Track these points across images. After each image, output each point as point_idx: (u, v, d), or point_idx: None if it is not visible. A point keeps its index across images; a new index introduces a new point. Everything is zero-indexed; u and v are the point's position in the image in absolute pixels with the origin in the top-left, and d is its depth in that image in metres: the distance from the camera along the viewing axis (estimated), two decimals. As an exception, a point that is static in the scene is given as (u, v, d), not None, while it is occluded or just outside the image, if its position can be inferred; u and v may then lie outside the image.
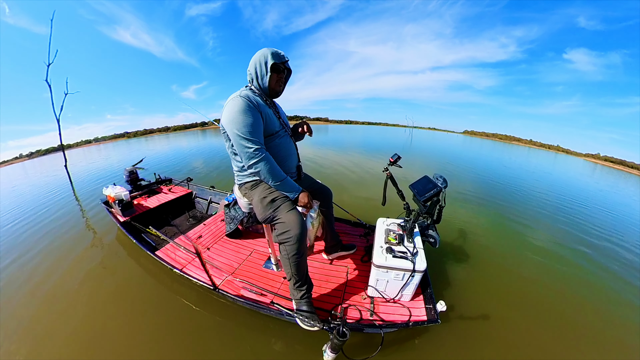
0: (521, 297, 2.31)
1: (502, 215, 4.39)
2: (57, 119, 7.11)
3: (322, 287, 1.89)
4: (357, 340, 1.71)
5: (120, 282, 2.36)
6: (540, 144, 65.08)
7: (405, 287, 1.67)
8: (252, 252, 2.34)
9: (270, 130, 1.48)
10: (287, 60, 1.47)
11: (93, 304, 2.11)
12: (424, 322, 1.57)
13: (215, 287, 1.83)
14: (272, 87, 1.48)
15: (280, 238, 1.42)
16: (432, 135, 39.22)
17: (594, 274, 2.79)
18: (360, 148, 13.07)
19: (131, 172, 3.64)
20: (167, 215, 3.27)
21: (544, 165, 14.65)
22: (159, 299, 2.14)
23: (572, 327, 2.02)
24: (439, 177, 1.68)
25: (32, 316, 2.00)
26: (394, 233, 1.79)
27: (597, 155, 50.40)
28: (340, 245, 2.17)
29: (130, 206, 3.00)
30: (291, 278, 1.53)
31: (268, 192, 1.49)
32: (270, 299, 1.75)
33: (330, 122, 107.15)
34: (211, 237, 2.60)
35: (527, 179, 8.18)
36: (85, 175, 7.80)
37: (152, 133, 57.21)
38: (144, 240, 2.56)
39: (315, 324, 1.45)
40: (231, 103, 1.37)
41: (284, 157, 1.58)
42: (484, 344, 1.80)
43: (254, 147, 1.36)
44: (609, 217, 5.09)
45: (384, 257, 1.63)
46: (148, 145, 18.51)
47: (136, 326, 1.89)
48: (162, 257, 2.19)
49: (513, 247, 3.25)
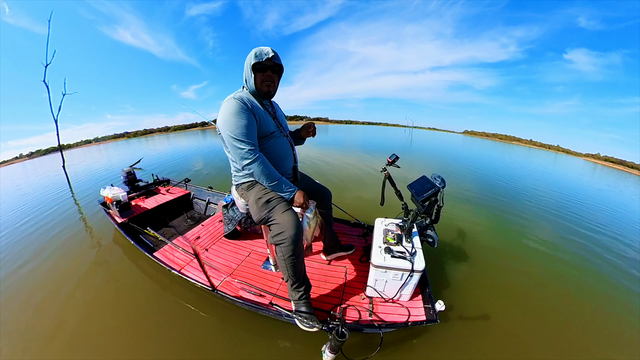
0: (520, 296, 2.31)
1: (501, 214, 4.40)
2: (55, 120, 7.08)
3: (321, 287, 1.89)
4: (356, 340, 1.70)
5: (118, 284, 2.35)
6: (540, 144, 65.10)
7: (403, 287, 1.67)
8: (251, 252, 2.34)
9: (265, 132, 1.48)
10: (272, 57, 1.38)
11: (91, 306, 2.10)
12: (423, 321, 1.57)
13: (214, 288, 1.83)
14: (259, 87, 1.45)
15: (275, 239, 1.41)
16: (432, 135, 39.24)
17: (594, 274, 2.80)
18: (360, 148, 13.08)
19: (129, 173, 3.62)
20: (165, 217, 3.26)
21: (544, 165, 14.68)
22: (157, 301, 2.13)
23: (572, 326, 2.03)
24: (437, 177, 1.67)
25: (30, 319, 1.99)
26: (393, 233, 1.79)
27: (597, 155, 50.40)
28: (338, 246, 2.17)
29: (127, 207, 2.99)
30: (288, 279, 1.53)
31: (263, 192, 1.49)
32: (269, 299, 1.74)
33: (330, 122, 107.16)
34: (209, 238, 2.59)
35: (527, 179, 8.21)
36: (85, 175, 7.81)
37: (152, 133, 57.05)
38: (142, 242, 2.55)
39: (314, 325, 1.44)
40: (225, 105, 1.38)
41: (280, 158, 1.58)
42: (483, 343, 1.81)
43: (247, 148, 1.36)
44: (609, 216, 5.11)
45: (383, 257, 1.62)
46: (148, 145, 18.51)
47: (134, 328, 1.88)
48: (160, 259, 2.18)
49: (512, 247, 3.26)
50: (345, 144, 14.73)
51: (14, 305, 2.15)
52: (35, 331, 1.88)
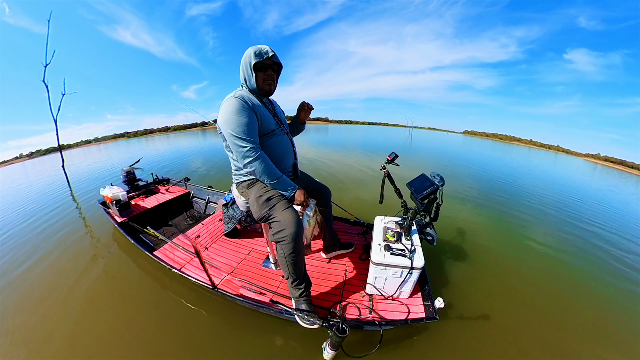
0: (520, 294, 2.32)
1: (501, 213, 4.41)
2: (55, 120, 7.10)
3: (321, 285, 1.90)
4: (357, 338, 1.71)
5: (118, 283, 2.35)
6: (540, 144, 64.53)
7: (403, 284, 1.68)
8: (251, 251, 2.35)
9: (266, 129, 1.48)
10: (272, 55, 1.40)
11: (91, 305, 2.10)
12: (423, 319, 1.59)
13: (215, 287, 1.83)
14: (260, 86, 1.47)
15: (276, 237, 1.42)
16: (432, 135, 39.12)
17: (594, 273, 2.78)
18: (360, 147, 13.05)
19: (128, 173, 3.62)
20: (165, 216, 3.26)
21: (544, 165, 14.53)
22: (157, 299, 2.13)
23: (570, 324, 2.04)
24: (436, 175, 1.68)
25: (29, 318, 2.00)
26: (392, 231, 1.79)
27: (597, 155, 49.81)
28: (338, 244, 2.18)
29: (127, 206, 2.99)
30: (289, 277, 1.53)
31: (264, 190, 1.50)
32: (270, 297, 1.75)
33: (331, 122, 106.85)
34: (209, 236, 2.59)
35: (527, 179, 8.18)
36: (84, 175, 7.79)
37: (152, 133, 56.81)
38: (141, 241, 2.55)
39: (315, 322, 1.45)
40: (226, 104, 1.38)
41: (281, 155, 1.58)
42: (482, 340, 1.82)
43: (249, 146, 1.36)
44: (609, 215, 5.09)
45: (382, 254, 1.63)
46: (148, 145, 18.50)
47: (135, 327, 1.89)
48: (160, 257, 2.19)
49: (512, 245, 3.27)
50: (345, 144, 14.71)
51: (14, 303, 2.15)
52: (35, 330, 1.88)
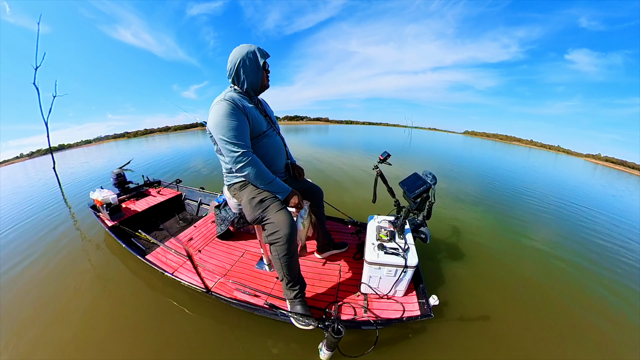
0: (517, 292, 2.33)
1: (499, 213, 4.40)
2: (45, 122, 7.04)
3: (316, 286, 1.90)
4: (353, 337, 1.71)
5: (110, 287, 2.31)
6: (540, 145, 64.19)
7: (397, 283, 1.69)
8: (244, 253, 2.33)
9: (257, 131, 1.47)
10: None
11: (82, 310, 2.05)
12: (418, 316, 1.60)
13: (208, 290, 1.82)
14: (264, 83, 1.52)
15: (270, 239, 1.41)
16: (432, 135, 39.14)
17: (594, 273, 2.77)
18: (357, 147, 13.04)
19: (119, 175, 3.56)
20: (156, 219, 3.21)
21: (544, 165, 14.43)
22: (150, 304, 2.10)
23: (569, 323, 2.03)
24: (428, 174, 1.69)
25: (20, 323, 1.95)
26: (385, 230, 1.80)
27: (598, 155, 49.23)
28: (332, 244, 2.18)
29: (118, 210, 2.93)
30: (283, 278, 1.53)
31: (257, 192, 1.48)
32: (264, 299, 1.74)
33: (331, 122, 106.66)
34: (202, 239, 2.57)
35: (526, 179, 8.16)
36: (84, 174, 7.74)
37: (152, 133, 55.99)
38: (133, 245, 2.51)
39: (310, 323, 1.45)
40: (216, 107, 1.35)
41: (273, 156, 1.57)
42: (478, 338, 1.83)
43: (240, 150, 1.35)
44: (609, 215, 5.08)
45: (376, 253, 1.64)
46: (148, 144, 18.32)
47: (127, 333, 1.85)
48: (152, 261, 2.15)
49: (509, 244, 3.26)
50: (345, 144, 14.65)
51: (4, 308, 2.08)
52: (26, 336, 1.83)
